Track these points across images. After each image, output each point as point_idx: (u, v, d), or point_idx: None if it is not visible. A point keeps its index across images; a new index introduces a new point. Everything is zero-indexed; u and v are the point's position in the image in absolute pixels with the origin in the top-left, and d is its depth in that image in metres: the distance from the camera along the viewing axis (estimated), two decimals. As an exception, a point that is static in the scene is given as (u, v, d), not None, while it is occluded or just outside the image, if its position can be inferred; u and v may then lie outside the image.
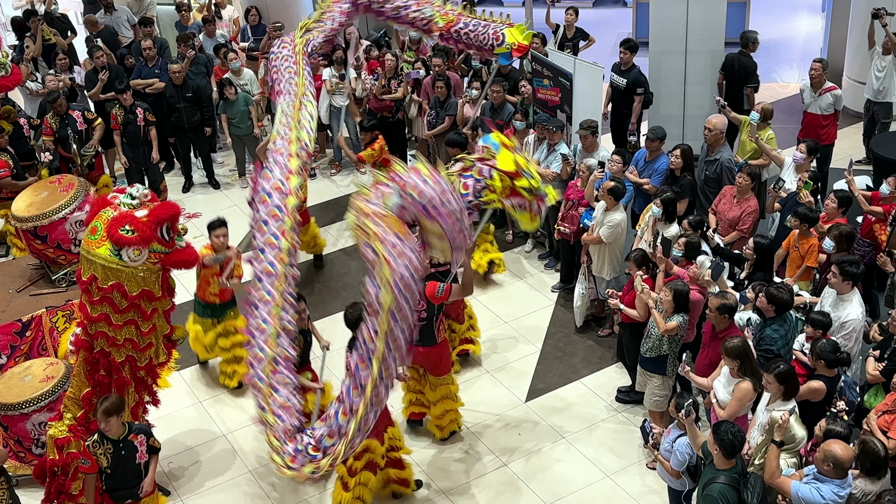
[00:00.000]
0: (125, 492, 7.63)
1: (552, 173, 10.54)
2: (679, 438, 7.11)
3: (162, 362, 8.00)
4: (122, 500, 7.66)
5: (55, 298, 9.84)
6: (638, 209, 10.60)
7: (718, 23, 12.44)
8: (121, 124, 12.55)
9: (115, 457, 7.50)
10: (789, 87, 15.07)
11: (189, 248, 7.63)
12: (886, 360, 7.54)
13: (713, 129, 10.34)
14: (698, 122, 11.15)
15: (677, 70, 12.68)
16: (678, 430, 7.17)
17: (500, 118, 11.83)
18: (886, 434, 6.95)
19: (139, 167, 12.87)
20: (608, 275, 9.91)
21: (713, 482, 6.46)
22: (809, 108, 11.55)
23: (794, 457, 7.03)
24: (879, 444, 6.51)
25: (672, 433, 7.23)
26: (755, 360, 7.40)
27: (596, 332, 10.35)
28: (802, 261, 8.93)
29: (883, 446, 6.53)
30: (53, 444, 7.95)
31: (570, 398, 9.55)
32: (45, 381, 8.68)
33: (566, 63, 11.57)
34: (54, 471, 8.00)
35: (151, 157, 12.84)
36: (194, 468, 9.02)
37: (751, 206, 9.63)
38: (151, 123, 12.74)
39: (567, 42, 13.79)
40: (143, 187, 7.58)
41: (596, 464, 8.72)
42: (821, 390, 7.32)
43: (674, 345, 8.26)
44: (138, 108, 12.59)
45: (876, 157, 11.28)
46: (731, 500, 6.37)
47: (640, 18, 15.93)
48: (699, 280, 8.44)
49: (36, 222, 9.62)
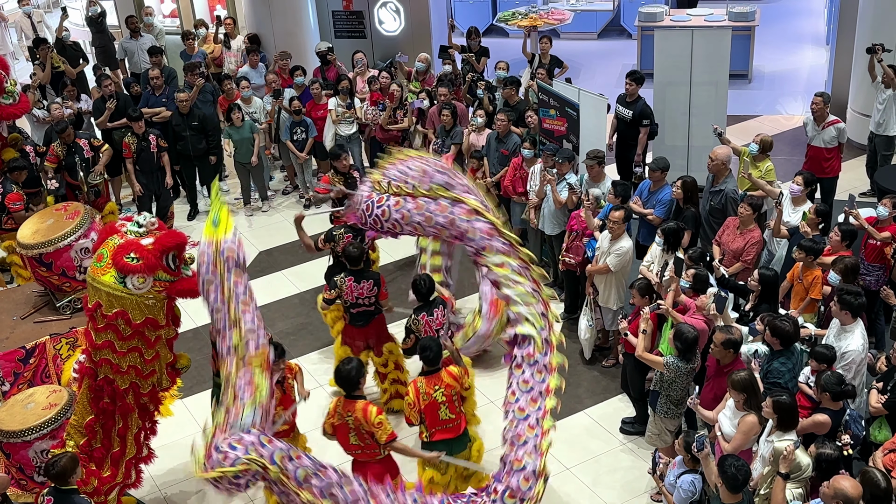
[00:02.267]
0: None
1: (562, 201, 10.57)
2: (683, 476, 7.07)
3: (165, 389, 7.99)
4: None
5: (59, 326, 9.82)
6: (642, 239, 10.59)
7: (723, 55, 12.49)
8: (134, 152, 12.60)
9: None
10: (794, 119, 15.10)
11: (195, 277, 7.62)
12: (889, 392, 7.50)
13: (715, 159, 10.35)
14: (703, 154, 11.17)
15: (682, 101, 12.72)
16: (683, 466, 7.13)
17: (505, 147, 11.88)
18: (890, 473, 6.90)
19: (152, 193, 12.92)
20: (615, 304, 9.88)
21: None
22: (813, 142, 11.57)
23: (799, 486, 7.00)
24: (881, 475, 6.46)
25: (677, 468, 7.19)
26: (761, 393, 7.36)
27: (600, 363, 10.32)
28: (807, 293, 8.91)
29: (885, 478, 6.49)
30: (55, 472, 7.93)
31: (575, 429, 9.50)
32: (48, 408, 8.64)
33: (571, 94, 11.62)
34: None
35: (165, 182, 12.89)
36: (197, 497, 8.99)
37: (754, 236, 9.61)
38: (164, 149, 12.82)
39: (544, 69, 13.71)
40: (151, 215, 7.61)
41: (600, 495, 8.67)
42: (826, 423, 7.28)
43: (667, 386, 8.16)
44: (150, 134, 12.66)
45: (881, 188, 11.29)
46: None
47: (645, 50, 16.00)
48: (705, 311, 8.42)
49: (41, 249, 9.61)
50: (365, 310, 9.41)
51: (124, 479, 8.27)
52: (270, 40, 15.60)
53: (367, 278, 9.32)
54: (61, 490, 7.16)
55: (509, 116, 12.03)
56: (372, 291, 9.32)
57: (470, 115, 12.80)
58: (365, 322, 9.48)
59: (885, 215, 9.33)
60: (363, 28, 16.74)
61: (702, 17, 15.36)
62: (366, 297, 9.33)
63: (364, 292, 9.32)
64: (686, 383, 8.09)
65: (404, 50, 15.62)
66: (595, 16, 19.06)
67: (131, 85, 14.15)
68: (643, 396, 9.09)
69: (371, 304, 9.38)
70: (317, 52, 14.85)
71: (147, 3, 17.39)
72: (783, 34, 18.21)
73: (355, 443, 7.64)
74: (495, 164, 11.93)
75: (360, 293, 9.31)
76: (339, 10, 16.68)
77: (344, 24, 16.82)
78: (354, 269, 9.32)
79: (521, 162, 11.40)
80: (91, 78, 15.54)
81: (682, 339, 7.89)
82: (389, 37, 16.64)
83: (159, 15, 17.45)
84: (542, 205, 10.88)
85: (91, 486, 7.94)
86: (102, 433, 8.00)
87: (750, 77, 16.53)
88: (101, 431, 7.98)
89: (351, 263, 9.31)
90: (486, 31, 16.54)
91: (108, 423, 7.95)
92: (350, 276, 9.30)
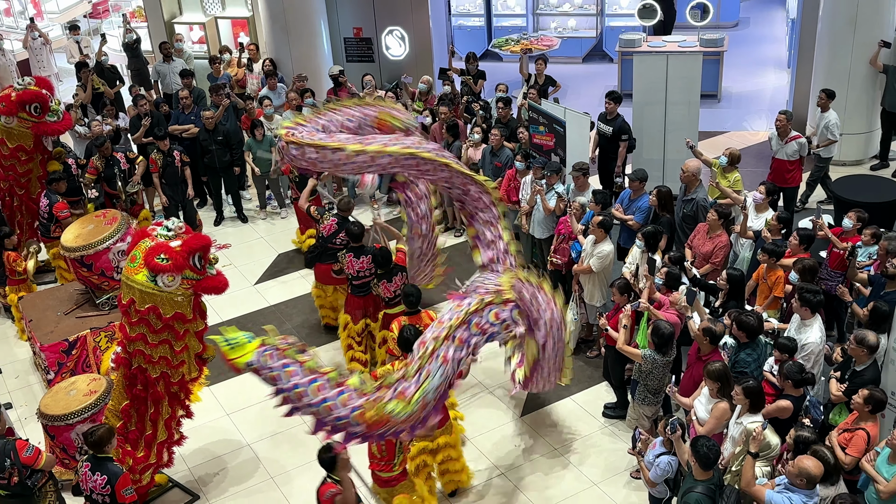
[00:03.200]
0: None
1: (551, 209, 10.56)
2: (661, 456, 7.06)
3: (193, 378, 7.98)
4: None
5: (99, 320, 9.83)
6: (623, 242, 10.58)
7: (695, 77, 12.47)
8: (160, 167, 12.58)
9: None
10: (758, 135, 15.07)
11: (219, 276, 7.63)
12: (847, 381, 7.49)
13: (687, 170, 10.33)
14: (677, 166, 11.13)
15: (658, 119, 12.71)
16: (663, 447, 7.11)
17: (498, 160, 11.87)
18: (845, 450, 6.92)
19: (177, 204, 12.90)
20: (598, 301, 9.87)
21: (691, 491, 6.45)
22: (777, 155, 11.55)
23: (767, 465, 7.03)
24: (829, 453, 6.60)
25: (657, 448, 7.17)
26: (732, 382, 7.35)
27: (585, 354, 10.29)
28: (771, 291, 8.90)
29: (833, 455, 6.65)
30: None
31: (562, 413, 9.49)
32: (89, 395, 8.64)
33: (557, 112, 11.62)
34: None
35: (188, 194, 12.88)
36: (221, 475, 8.97)
37: (722, 240, 9.60)
38: (186, 164, 12.79)
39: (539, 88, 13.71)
40: (179, 220, 7.62)
41: (585, 473, 8.65)
42: (788, 408, 7.28)
43: (645, 376, 8.13)
44: (175, 150, 12.64)
45: (836, 197, 11.29)
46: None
47: (625, 73, 15.96)
48: (678, 306, 8.42)
49: (82, 252, 9.63)
50: (365, 281, 9.61)
51: (157, 460, 8.26)
52: (288, 64, 15.58)
53: (365, 254, 9.58)
54: (98, 457, 7.19)
55: (502, 132, 12.03)
56: (370, 265, 9.54)
57: (468, 132, 12.78)
58: (365, 292, 9.67)
59: (850, 227, 9.30)
60: (372, 53, 16.72)
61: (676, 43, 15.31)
62: (366, 270, 9.57)
63: (364, 266, 9.57)
64: (662, 374, 8.06)
65: (409, 72, 15.61)
66: (580, 42, 19.04)
67: (160, 105, 14.12)
68: (623, 384, 9.10)
69: (370, 275, 9.57)
70: (330, 74, 14.83)
71: (178, 30, 17.37)
72: (749, 58, 18.19)
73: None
74: (490, 176, 11.91)
75: (361, 267, 9.57)
76: (350, 36, 16.68)
77: (354, 50, 16.80)
78: (355, 246, 9.61)
79: (514, 174, 11.38)
80: (127, 97, 15.54)
81: (658, 335, 7.90)
82: (395, 61, 16.61)
83: (189, 41, 17.42)
84: (533, 212, 10.86)
85: (127, 465, 7.93)
86: (137, 417, 8.00)
87: (719, 97, 16.51)
88: (135, 415, 7.99)
89: (353, 240, 9.63)
90: (481, 56, 16.49)
91: (141, 408, 7.95)
92: (350, 252, 9.59)
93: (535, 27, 19.32)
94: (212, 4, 17.75)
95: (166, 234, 7.42)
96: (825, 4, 13.44)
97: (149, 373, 7.70)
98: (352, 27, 16.64)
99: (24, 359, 10.88)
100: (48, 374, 9.66)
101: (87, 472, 7.14)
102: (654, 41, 14.96)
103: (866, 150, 13.91)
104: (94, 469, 7.12)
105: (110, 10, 22.01)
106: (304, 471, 8.79)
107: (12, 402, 10.12)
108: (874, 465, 6.73)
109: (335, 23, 16.57)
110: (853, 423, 7.05)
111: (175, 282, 7.29)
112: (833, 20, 13.30)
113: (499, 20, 19.47)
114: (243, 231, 13.63)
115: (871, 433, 6.93)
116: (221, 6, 17.76)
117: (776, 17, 20.53)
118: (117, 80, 15.67)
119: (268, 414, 9.52)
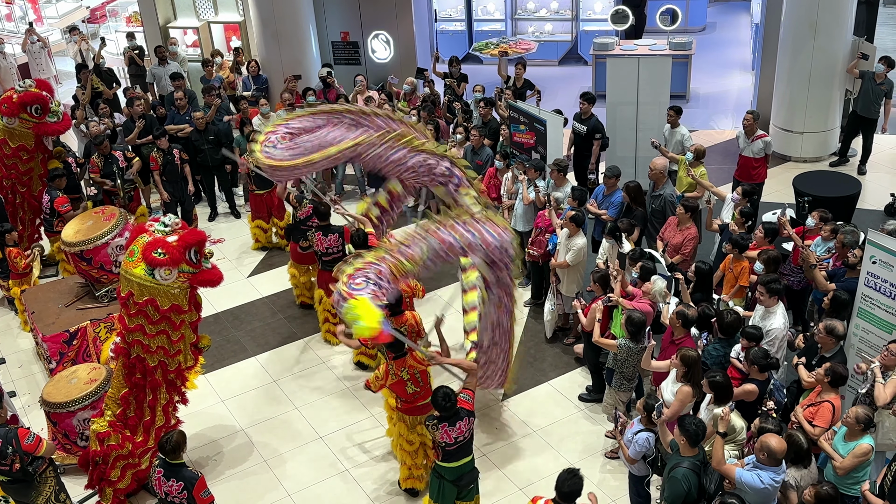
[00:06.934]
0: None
1: (530, 199, 10.58)
2: (640, 433, 7.09)
3: (189, 367, 7.95)
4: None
5: (98, 312, 9.77)
6: (598, 236, 10.60)
7: (665, 79, 12.51)
8: (160, 165, 12.48)
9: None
10: (724, 133, 15.13)
11: (214, 269, 7.60)
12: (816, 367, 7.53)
13: (654, 168, 10.36)
14: (648, 163, 11.18)
15: (630, 119, 12.74)
16: (640, 425, 7.14)
17: (479, 159, 11.85)
18: (812, 423, 6.96)
19: (177, 200, 12.82)
20: (574, 292, 9.89)
21: (678, 467, 6.46)
22: (743, 152, 11.58)
23: (735, 448, 7.06)
24: (803, 437, 6.58)
25: (635, 426, 7.20)
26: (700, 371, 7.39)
27: (562, 341, 10.31)
28: (736, 280, 8.94)
29: (807, 438, 6.62)
30: (95, 437, 7.89)
31: (540, 397, 9.51)
32: (89, 383, 8.60)
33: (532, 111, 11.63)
34: (96, 460, 7.93)
35: (188, 190, 12.80)
36: (217, 458, 8.94)
37: (691, 233, 9.64)
38: (186, 161, 12.71)
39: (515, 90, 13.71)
40: (175, 216, 7.58)
41: (562, 453, 8.67)
42: (754, 392, 7.32)
43: (620, 364, 8.16)
44: (174, 149, 12.56)
45: (797, 191, 11.34)
46: (692, 483, 6.38)
47: (599, 75, 15.97)
48: (650, 296, 8.46)
49: (82, 247, 9.56)
50: (334, 257, 9.76)
51: (155, 445, 8.22)
52: (279, 66, 15.50)
53: (333, 231, 9.78)
54: (171, 463, 6.86)
55: (481, 132, 12.02)
56: (338, 242, 9.74)
57: (450, 132, 12.76)
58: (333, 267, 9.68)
59: (812, 226, 9.34)
60: (358, 56, 16.67)
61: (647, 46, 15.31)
62: (334, 247, 9.77)
63: (332, 243, 9.76)
64: (636, 362, 8.09)
65: (394, 74, 15.58)
66: (556, 45, 19.05)
67: (157, 107, 14.01)
68: (598, 369, 9.12)
69: (338, 251, 9.76)
70: (319, 76, 14.76)
71: (172, 34, 17.24)
72: (716, 61, 18.25)
73: (412, 391, 7.72)
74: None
75: (329, 244, 9.76)
76: (338, 40, 16.62)
77: (342, 53, 16.75)
78: (322, 225, 9.82)
79: (494, 172, 11.38)
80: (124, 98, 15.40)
81: (632, 323, 7.93)
82: (381, 64, 16.57)
83: (183, 45, 17.29)
84: (515, 205, 10.87)
85: (126, 449, 7.90)
86: (135, 404, 7.95)
87: (688, 97, 16.55)
88: (134, 402, 7.94)
89: (320, 219, 9.85)
90: (462, 59, 16.46)
91: (139, 395, 7.91)
92: (318, 230, 9.80)
93: (513, 31, 19.31)
94: (205, 9, 17.64)
95: (163, 230, 7.39)
96: (787, 10, 13.51)
97: (147, 362, 7.66)
98: (339, 31, 16.57)
99: (28, 349, 10.81)
100: (50, 364, 9.59)
101: (161, 478, 6.84)
102: (626, 45, 14.93)
103: (826, 148, 14.01)
104: (169, 476, 6.81)
105: (107, 15, 21.85)
106: (295, 454, 8.80)
107: (16, 389, 10.05)
108: (831, 443, 6.79)
109: (323, 27, 16.52)
110: (816, 398, 7.10)
111: (172, 275, 7.26)
112: (795, 25, 13.36)
113: (479, 24, 19.44)
114: (237, 225, 13.56)
115: (835, 404, 6.99)
116: (214, 11, 17.64)
117: (741, 22, 20.62)
118: (113, 82, 15.54)
119: (261, 401, 9.59)
